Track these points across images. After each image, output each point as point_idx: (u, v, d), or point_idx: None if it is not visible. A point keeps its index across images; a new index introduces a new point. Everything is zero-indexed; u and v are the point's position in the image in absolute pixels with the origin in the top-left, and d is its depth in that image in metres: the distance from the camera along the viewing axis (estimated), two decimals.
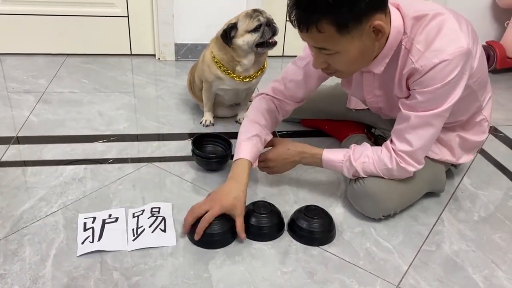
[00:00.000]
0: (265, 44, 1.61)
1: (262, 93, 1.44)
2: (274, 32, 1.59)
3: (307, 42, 1.14)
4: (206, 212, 1.18)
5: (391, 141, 1.25)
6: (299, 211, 1.29)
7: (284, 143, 1.35)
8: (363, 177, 1.30)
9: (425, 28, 1.13)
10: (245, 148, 1.29)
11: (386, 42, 1.15)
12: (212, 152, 1.58)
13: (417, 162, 1.24)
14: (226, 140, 1.59)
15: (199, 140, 1.57)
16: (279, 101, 1.43)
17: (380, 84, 1.30)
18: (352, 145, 1.31)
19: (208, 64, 1.70)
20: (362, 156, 1.27)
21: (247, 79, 1.69)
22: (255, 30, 1.57)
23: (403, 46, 1.16)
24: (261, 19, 1.57)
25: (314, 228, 1.24)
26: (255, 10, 1.59)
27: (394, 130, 1.24)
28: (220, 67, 1.66)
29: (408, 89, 1.21)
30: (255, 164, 1.34)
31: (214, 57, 1.67)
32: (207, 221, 1.17)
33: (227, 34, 1.58)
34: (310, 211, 1.27)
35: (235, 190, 1.21)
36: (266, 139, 1.38)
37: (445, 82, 1.11)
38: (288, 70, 1.40)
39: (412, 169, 1.24)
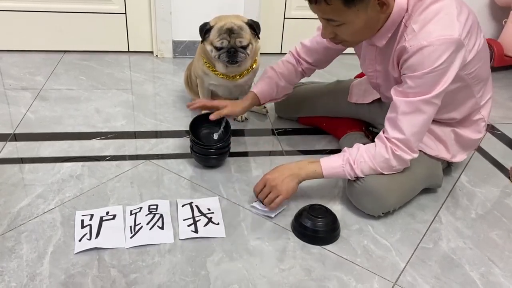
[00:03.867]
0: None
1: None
2: (232, 60, 1.58)
3: (316, 13, 1.18)
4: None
5: (384, 131, 1.27)
6: (303, 209, 1.29)
7: (281, 167, 1.33)
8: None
9: (425, 10, 1.15)
10: (255, 86, 1.57)
11: (389, 16, 1.18)
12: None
13: (411, 150, 1.25)
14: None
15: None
16: (296, 59, 1.60)
17: (381, 59, 1.33)
18: (346, 148, 1.31)
19: (197, 58, 1.72)
20: (358, 156, 1.27)
21: (231, 78, 1.69)
22: (216, 48, 1.58)
23: (403, 23, 1.19)
24: (225, 43, 1.55)
25: (318, 227, 1.24)
26: (228, 30, 1.54)
27: (386, 118, 1.26)
28: (205, 62, 1.67)
29: (399, 68, 1.23)
30: (262, 98, 1.56)
31: (200, 52, 1.68)
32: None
33: (202, 31, 1.59)
34: (315, 210, 1.27)
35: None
36: (279, 83, 1.56)
37: (433, 67, 1.13)
38: (310, 38, 1.58)
39: (408, 157, 1.25)
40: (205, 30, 1.59)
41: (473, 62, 1.23)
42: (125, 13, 2.43)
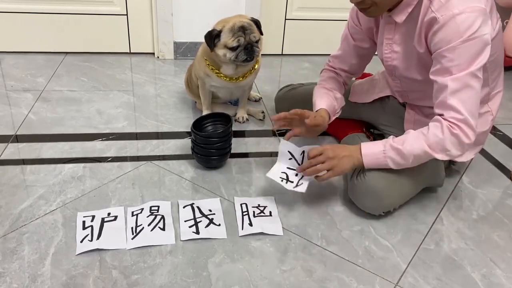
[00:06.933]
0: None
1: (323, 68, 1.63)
2: (250, 56, 1.58)
3: None
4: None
5: (438, 115, 1.21)
6: None
7: (333, 145, 1.34)
8: (364, 173, 1.29)
9: None
10: (319, 103, 1.48)
11: None
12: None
13: (472, 129, 1.17)
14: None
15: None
16: (333, 71, 1.59)
17: (401, 38, 1.32)
18: (391, 136, 1.28)
19: (198, 60, 1.72)
20: (407, 140, 1.21)
21: (234, 80, 1.69)
22: (232, 49, 1.57)
23: None
24: (241, 40, 1.55)
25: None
26: (241, 28, 1.56)
27: (436, 104, 1.21)
28: (208, 65, 1.67)
29: (427, 42, 1.22)
30: (332, 112, 1.48)
31: (203, 55, 1.68)
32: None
33: (211, 39, 1.57)
34: None
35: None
36: (336, 96, 1.52)
37: (469, 35, 1.12)
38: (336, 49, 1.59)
39: (466, 140, 1.17)
40: (214, 35, 1.57)
41: (494, 44, 1.22)
42: (127, 15, 2.43)
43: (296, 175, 1.35)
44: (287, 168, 1.37)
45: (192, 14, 2.42)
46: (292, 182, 1.33)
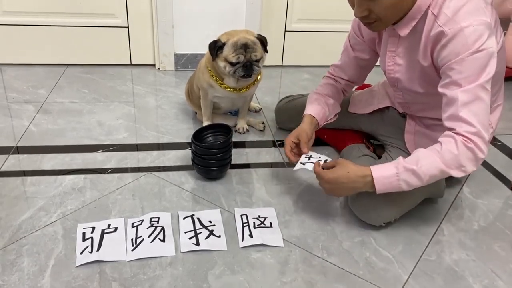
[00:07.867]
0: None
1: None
2: (248, 73, 1.60)
3: None
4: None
5: (449, 129, 1.17)
6: None
7: (344, 165, 1.25)
8: None
9: None
10: (307, 108, 1.53)
11: (415, 3, 1.19)
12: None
13: (485, 143, 1.15)
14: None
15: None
16: (332, 78, 1.62)
17: (404, 51, 1.32)
18: (400, 157, 1.21)
19: (202, 71, 1.73)
20: (421, 160, 1.16)
21: (238, 91, 1.71)
22: (231, 63, 1.59)
23: (430, 11, 1.19)
24: (241, 58, 1.58)
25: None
26: (243, 45, 1.57)
27: (446, 117, 1.19)
28: (212, 75, 1.68)
29: (432, 57, 1.22)
30: (319, 119, 1.51)
31: (207, 66, 1.69)
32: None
33: (214, 48, 1.60)
34: None
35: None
36: (328, 102, 1.55)
37: (478, 47, 1.12)
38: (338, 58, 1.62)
39: (480, 155, 1.14)
40: (217, 47, 1.59)
41: (497, 59, 1.21)
42: (128, 27, 2.45)
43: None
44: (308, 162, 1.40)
45: (193, 26, 2.44)
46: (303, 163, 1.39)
